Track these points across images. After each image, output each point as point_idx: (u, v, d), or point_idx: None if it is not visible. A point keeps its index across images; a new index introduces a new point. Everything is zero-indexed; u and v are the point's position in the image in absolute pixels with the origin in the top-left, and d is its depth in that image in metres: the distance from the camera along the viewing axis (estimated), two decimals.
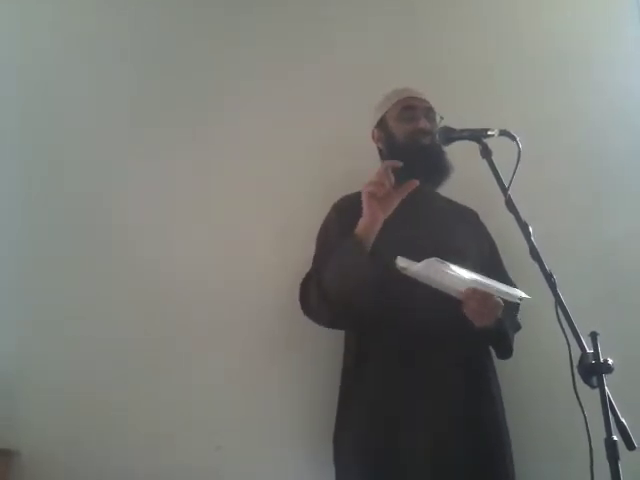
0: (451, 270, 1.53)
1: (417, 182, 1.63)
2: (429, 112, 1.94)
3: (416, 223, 1.71)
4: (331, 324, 1.85)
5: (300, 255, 2.05)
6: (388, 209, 1.66)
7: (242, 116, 2.34)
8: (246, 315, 2.18)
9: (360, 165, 2.13)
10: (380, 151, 2.03)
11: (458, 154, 1.89)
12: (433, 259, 1.54)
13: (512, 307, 1.85)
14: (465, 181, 1.96)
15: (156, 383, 2.13)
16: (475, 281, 1.55)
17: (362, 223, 1.68)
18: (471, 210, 2.07)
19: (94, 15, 2.43)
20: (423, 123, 1.89)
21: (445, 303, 1.62)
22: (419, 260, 1.57)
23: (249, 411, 2.11)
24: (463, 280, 1.54)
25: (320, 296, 1.76)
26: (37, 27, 2.43)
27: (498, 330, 1.74)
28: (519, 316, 1.96)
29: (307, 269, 1.91)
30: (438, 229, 1.85)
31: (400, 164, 1.64)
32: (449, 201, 2.06)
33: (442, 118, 1.94)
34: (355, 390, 1.84)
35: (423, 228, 1.80)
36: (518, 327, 1.95)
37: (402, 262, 1.58)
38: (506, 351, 1.85)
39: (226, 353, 2.15)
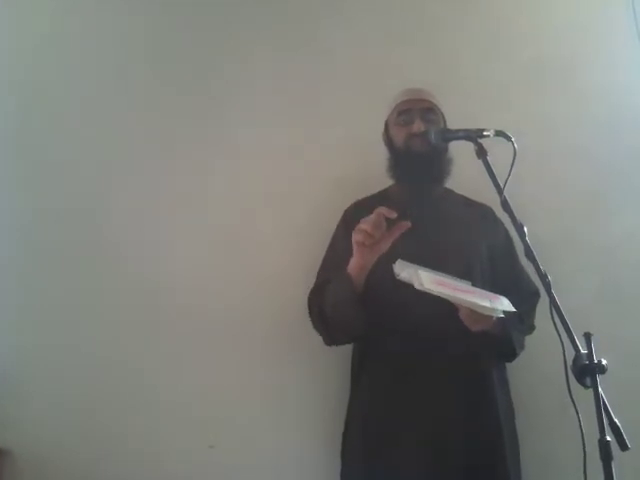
0: (426, 284, 1.53)
1: (409, 224, 1.61)
2: (426, 113, 1.93)
3: (421, 226, 1.72)
4: (328, 343, 1.89)
5: (300, 255, 2.06)
6: (379, 252, 1.65)
7: (243, 116, 2.34)
8: (247, 315, 2.18)
9: (363, 164, 2.14)
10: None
11: (455, 154, 1.91)
12: (413, 269, 1.57)
13: (526, 309, 1.86)
14: (463, 181, 1.98)
15: (151, 382, 2.13)
16: (451, 296, 1.55)
17: (352, 265, 1.69)
18: (486, 207, 2.03)
19: (95, 15, 2.42)
20: (417, 126, 1.88)
21: (446, 304, 1.62)
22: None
23: (246, 410, 2.12)
24: (439, 293, 1.54)
25: (319, 317, 1.84)
26: (37, 27, 2.43)
27: (498, 333, 1.73)
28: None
29: (309, 268, 1.94)
30: (442, 231, 1.85)
31: (394, 215, 1.60)
32: (462, 199, 2.05)
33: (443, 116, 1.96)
34: (357, 391, 1.90)
35: (427, 230, 1.80)
36: (530, 328, 1.94)
37: (397, 267, 1.58)
38: (508, 353, 1.85)
39: (225, 353, 2.16)
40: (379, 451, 1.73)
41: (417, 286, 1.52)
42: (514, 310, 1.57)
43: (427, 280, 1.53)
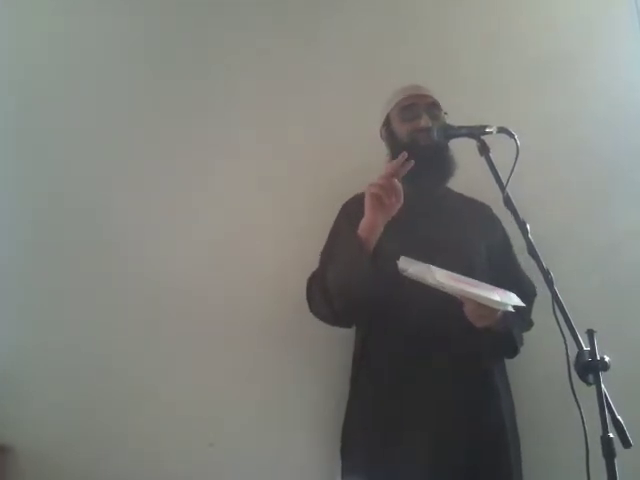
0: (439, 278, 1.53)
1: (412, 163, 1.64)
2: (431, 108, 1.92)
3: (423, 223, 1.72)
4: (334, 321, 1.87)
5: (300, 254, 2.06)
6: (390, 213, 1.66)
7: (243, 116, 2.34)
8: (247, 315, 2.18)
9: (362, 164, 2.14)
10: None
11: (458, 151, 1.91)
12: (423, 265, 1.57)
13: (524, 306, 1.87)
14: (462, 180, 1.97)
15: (151, 382, 2.12)
16: (463, 290, 1.55)
17: (364, 225, 1.69)
18: (484, 205, 2.04)
19: (95, 15, 2.42)
20: (424, 121, 1.87)
21: (448, 303, 1.62)
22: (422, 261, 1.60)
23: (246, 410, 2.12)
24: (451, 288, 1.54)
25: (322, 293, 1.80)
26: (37, 27, 2.42)
27: (501, 329, 1.73)
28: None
29: (309, 268, 1.93)
30: (444, 229, 1.86)
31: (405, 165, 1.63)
32: (461, 197, 2.05)
33: (446, 114, 1.93)
34: (357, 390, 1.89)
35: (430, 228, 1.81)
36: (529, 324, 1.96)
37: (402, 264, 1.58)
38: (510, 350, 1.86)
39: (225, 352, 2.15)
40: (382, 451, 1.73)
41: (430, 280, 1.51)
42: (523, 305, 1.58)
43: (440, 274, 1.53)
